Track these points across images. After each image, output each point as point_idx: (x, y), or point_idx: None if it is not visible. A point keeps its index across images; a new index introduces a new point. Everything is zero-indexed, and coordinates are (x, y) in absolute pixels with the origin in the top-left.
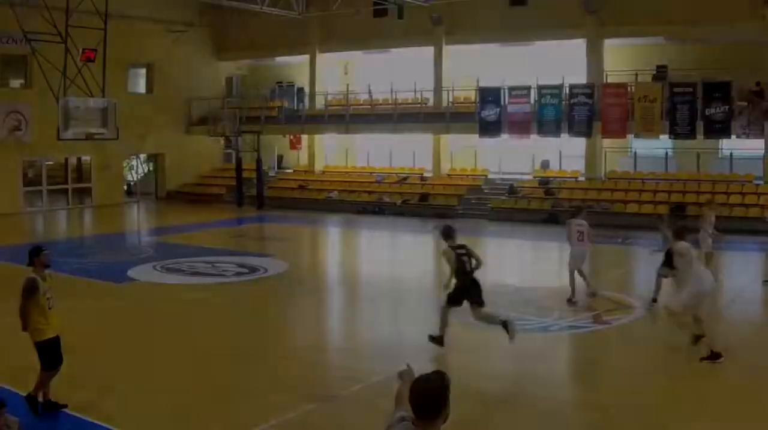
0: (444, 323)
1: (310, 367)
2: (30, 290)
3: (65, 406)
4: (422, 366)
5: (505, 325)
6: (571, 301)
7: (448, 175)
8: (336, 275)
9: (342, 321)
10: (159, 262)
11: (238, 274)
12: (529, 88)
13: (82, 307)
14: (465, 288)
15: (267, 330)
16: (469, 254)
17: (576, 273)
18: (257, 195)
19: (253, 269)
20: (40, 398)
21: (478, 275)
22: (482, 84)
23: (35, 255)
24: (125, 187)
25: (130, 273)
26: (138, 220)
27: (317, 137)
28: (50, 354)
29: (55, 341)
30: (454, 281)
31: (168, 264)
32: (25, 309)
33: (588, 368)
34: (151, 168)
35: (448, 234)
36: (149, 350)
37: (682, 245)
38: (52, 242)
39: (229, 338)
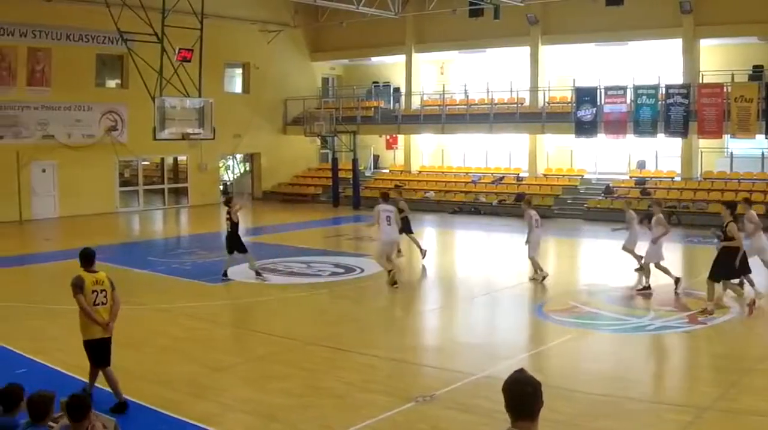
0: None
1: (405, 367)
2: (75, 286)
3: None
4: (516, 366)
5: None
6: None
7: (544, 175)
8: (431, 275)
9: (437, 321)
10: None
11: (334, 274)
12: (625, 88)
13: (177, 307)
14: None
15: (362, 330)
16: None
17: (653, 266)
18: (353, 195)
19: (348, 269)
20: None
21: None
22: (578, 84)
23: (81, 256)
24: (221, 187)
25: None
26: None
27: (413, 137)
28: (98, 352)
29: (101, 343)
30: None
31: (264, 264)
32: (83, 307)
33: (682, 368)
34: (247, 168)
35: None
36: (243, 350)
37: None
38: (148, 242)
39: (324, 338)
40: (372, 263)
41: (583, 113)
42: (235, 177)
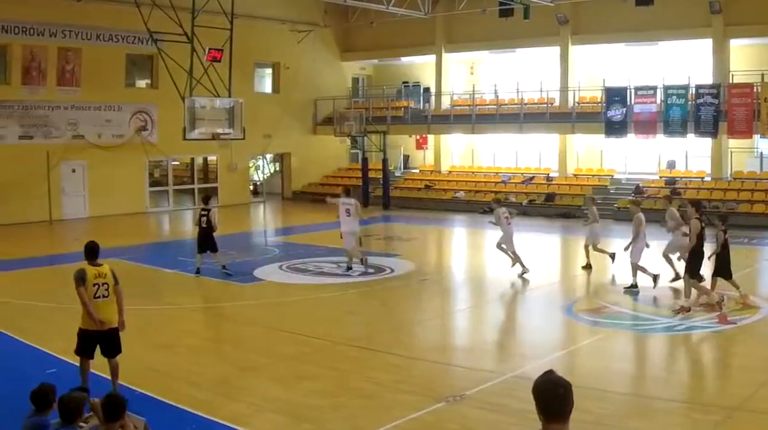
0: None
1: (435, 366)
2: (77, 279)
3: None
4: (546, 366)
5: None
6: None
7: (574, 175)
8: (462, 276)
9: (468, 321)
10: (285, 262)
11: (364, 274)
12: (655, 88)
13: (208, 307)
14: None
15: (392, 330)
16: None
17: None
18: (383, 195)
19: (379, 269)
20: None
21: None
22: (608, 84)
23: (86, 250)
24: (251, 187)
25: (257, 273)
26: (264, 220)
27: (443, 137)
28: (87, 344)
29: (94, 335)
30: None
31: (294, 264)
32: (82, 298)
33: (711, 369)
34: (277, 168)
35: None
36: (273, 350)
37: None
38: (178, 242)
39: (354, 338)
40: (403, 263)
41: (613, 113)
42: (265, 177)
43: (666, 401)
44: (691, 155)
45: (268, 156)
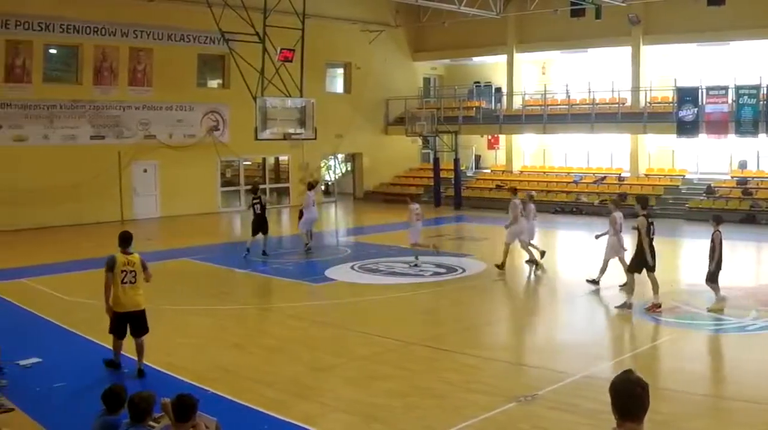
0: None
1: (506, 366)
2: (107, 265)
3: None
4: (617, 366)
5: None
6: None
7: (646, 175)
8: (533, 275)
9: (539, 321)
10: (356, 262)
11: (436, 274)
12: (726, 88)
13: (280, 307)
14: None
15: (464, 330)
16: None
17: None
18: (455, 195)
19: (450, 269)
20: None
21: None
22: (679, 84)
23: (119, 238)
24: (323, 187)
25: (328, 273)
26: (335, 220)
27: (514, 137)
28: (117, 325)
29: (124, 316)
30: None
31: (366, 264)
32: (106, 282)
33: None
34: (348, 168)
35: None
36: (345, 350)
37: None
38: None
39: (426, 339)
40: (474, 263)
41: (684, 113)
42: (337, 177)
43: (737, 401)
44: (764, 155)
45: (340, 156)
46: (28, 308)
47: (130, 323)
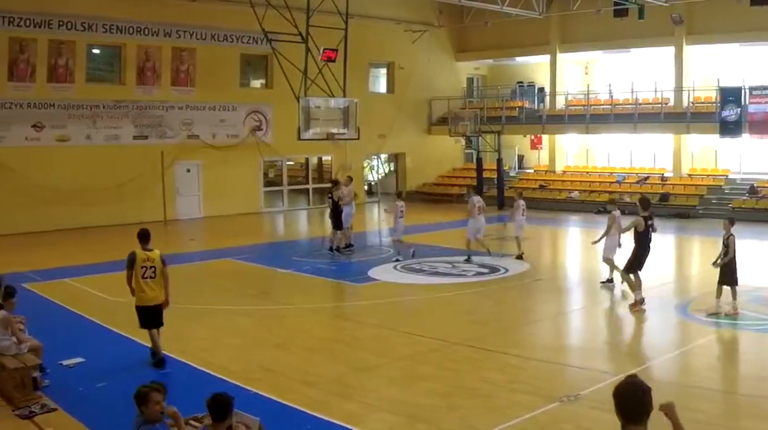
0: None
1: (549, 367)
2: (127, 261)
3: (162, 358)
4: (660, 366)
5: None
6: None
7: (689, 175)
8: (576, 275)
9: (581, 321)
10: (399, 262)
11: (479, 274)
12: None
13: (323, 307)
14: None
15: (506, 330)
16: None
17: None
18: (497, 195)
19: (493, 269)
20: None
21: None
22: (722, 84)
23: (138, 235)
24: (366, 187)
25: (371, 273)
26: (378, 220)
27: (557, 137)
28: (143, 317)
29: (147, 310)
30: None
31: (409, 264)
32: (128, 278)
33: None
34: (391, 168)
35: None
36: (388, 350)
37: None
38: (293, 242)
39: (469, 339)
40: (517, 263)
41: (727, 113)
42: (380, 177)
43: None
44: None
45: (383, 156)
46: (71, 308)
47: (150, 314)
